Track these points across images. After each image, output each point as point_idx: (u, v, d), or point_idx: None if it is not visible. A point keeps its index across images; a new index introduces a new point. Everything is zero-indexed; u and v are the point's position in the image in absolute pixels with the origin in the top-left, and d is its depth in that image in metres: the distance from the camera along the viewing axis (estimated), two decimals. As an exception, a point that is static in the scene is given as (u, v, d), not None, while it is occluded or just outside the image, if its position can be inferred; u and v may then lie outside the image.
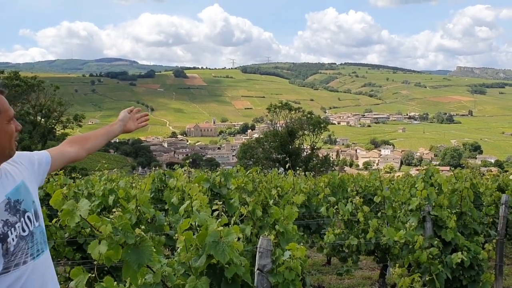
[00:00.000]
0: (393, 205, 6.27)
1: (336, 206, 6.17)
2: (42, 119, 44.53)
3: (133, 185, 7.27)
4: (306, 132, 50.45)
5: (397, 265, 4.85)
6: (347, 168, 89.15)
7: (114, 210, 2.77)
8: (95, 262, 2.64)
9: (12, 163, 1.98)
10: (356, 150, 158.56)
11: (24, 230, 1.85)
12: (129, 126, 2.69)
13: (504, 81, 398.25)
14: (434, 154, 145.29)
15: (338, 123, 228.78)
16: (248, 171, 6.20)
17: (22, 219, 1.86)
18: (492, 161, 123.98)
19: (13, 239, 1.78)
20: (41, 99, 44.54)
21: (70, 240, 4.98)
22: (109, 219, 2.71)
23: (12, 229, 1.79)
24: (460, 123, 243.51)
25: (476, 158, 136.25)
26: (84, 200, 3.08)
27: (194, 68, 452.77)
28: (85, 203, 3.03)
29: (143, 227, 2.80)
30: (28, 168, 2.05)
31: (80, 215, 2.76)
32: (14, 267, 1.78)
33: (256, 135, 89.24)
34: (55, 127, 47.04)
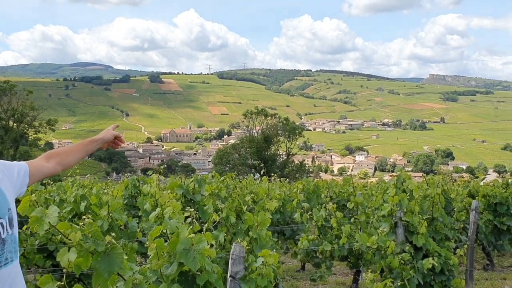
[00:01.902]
0: (366, 211, 6.31)
1: (310, 212, 6.19)
2: (14, 124, 43.58)
3: (106, 191, 7.17)
4: (281, 138, 50.60)
5: (369, 270, 4.89)
6: (322, 174, 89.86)
7: (84, 217, 2.73)
8: (64, 270, 2.60)
9: None
10: (331, 156, 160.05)
11: None
12: (107, 135, 2.75)
13: (475, 89, 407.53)
14: (407, 161, 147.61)
15: (314, 130, 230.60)
16: (222, 177, 6.20)
17: None
18: (464, 167, 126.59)
19: None
20: (13, 103, 43.61)
21: (41, 247, 4.87)
22: (79, 226, 2.67)
23: None
24: (433, 130, 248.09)
25: (448, 164, 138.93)
26: (53, 207, 3.03)
27: (170, 73, 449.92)
28: (54, 210, 2.97)
29: (114, 234, 2.76)
30: (6, 175, 2.00)
31: (49, 222, 2.72)
32: None
33: (232, 141, 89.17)
34: (28, 132, 46.11)
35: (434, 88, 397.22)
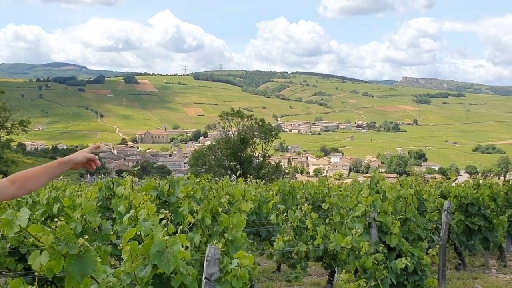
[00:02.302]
0: (341, 212, 6.36)
1: (285, 213, 6.21)
2: (-15, 125, 42.56)
3: (79, 193, 7.07)
4: (257, 139, 50.66)
5: (344, 270, 4.93)
6: (298, 175, 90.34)
7: (57, 219, 2.69)
8: (36, 273, 2.55)
9: None
10: (307, 158, 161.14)
11: None
12: (77, 158, 2.53)
13: (447, 92, 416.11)
14: (381, 162, 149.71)
15: (290, 131, 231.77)
16: (198, 179, 6.18)
17: None
18: (436, 168, 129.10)
19: None
20: (-16, 104, 42.59)
21: (12, 250, 4.78)
22: (51, 229, 2.62)
23: None
24: (406, 131, 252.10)
25: (421, 165, 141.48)
26: (24, 210, 2.97)
27: (145, 74, 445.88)
28: (25, 212, 2.92)
29: (87, 236, 2.73)
30: None
31: (20, 225, 2.67)
32: None
33: (208, 142, 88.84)
34: (0, 133, 45.09)
35: (407, 91, 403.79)
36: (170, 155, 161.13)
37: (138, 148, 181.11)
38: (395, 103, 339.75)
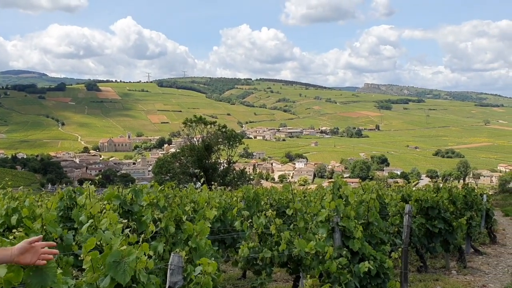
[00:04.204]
0: (305, 217, 6.40)
1: (250, 220, 6.22)
2: None
3: (40, 203, 6.89)
4: (222, 146, 50.56)
5: (308, 276, 4.96)
6: (263, 182, 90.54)
7: (14, 230, 2.63)
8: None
9: None
10: (272, 164, 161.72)
11: None
12: (24, 259, 2.36)
13: (408, 97, 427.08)
14: (345, 167, 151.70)
15: (255, 137, 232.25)
16: (161, 187, 6.12)
17: None
18: (398, 172, 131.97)
19: None
20: None
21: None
22: (9, 240, 2.56)
23: None
24: (368, 137, 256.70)
25: (383, 170, 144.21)
26: (-19, 221, 2.90)
27: (108, 81, 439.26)
28: (-18, 224, 2.84)
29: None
30: None
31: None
32: None
33: (172, 150, 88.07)
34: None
35: (369, 97, 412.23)
36: (134, 163, 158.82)
37: (101, 157, 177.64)
38: (357, 109, 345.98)
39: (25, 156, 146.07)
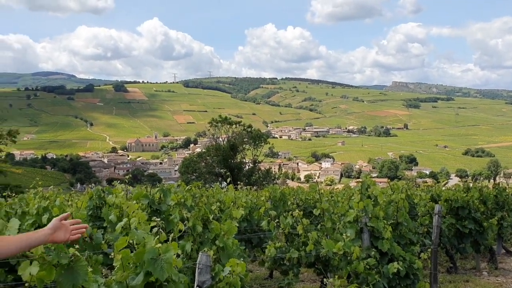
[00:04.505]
0: (332, 217, 6.36)
1: (277, 220, 6.20)
2: (-27, 136, 41.92)
3: (70, 203, 7.02)
4: (247, 146, 50.66)
5: (336, 276, 4.92)
6: (289, 181, 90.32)
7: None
8: (26, 284, 2.54)
9: None
10: (297, 163, 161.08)
11: None
12: (58, 236, 2.37)
13: (436, 96, 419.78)
14: (372, 167, 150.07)
15: (280, 137, 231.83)
16: (189, 186, 6.16)
17: None
18: (427, 172, 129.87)
19: None
20: (-30, 114, 42.11)
21: (2, 261, 4.72)
22: (41, 239, 2.60)
23: None
24: (396, 136, 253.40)
25: (412, 169, 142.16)
26: (14, 220, 2.96)
27: (135, 82, 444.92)
28: (15, 222, 2.91)
29: (77, 246, 2.71)
30: None
31: (9, 236, 2.64)
32: None
33: (198, 150, 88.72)
34: (-14, 143, 44.45)
35: (397, 95, 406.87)
36: (161, 163, 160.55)
37: (128, 157, 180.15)
38: (385, 107, 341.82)
39: (54, 156, 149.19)
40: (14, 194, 7.59)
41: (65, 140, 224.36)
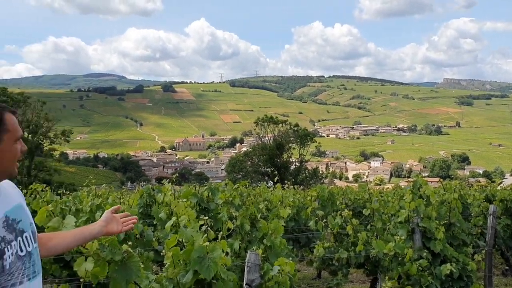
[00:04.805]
0: (383, 218, 6.26)
1: (325, 220, 6.15)
2: (29, 135, 43.95)
3: (121, 200, 7.21)
4: (294, 145, 50.49)
5: (387, 277, 4.84)
6: (336, 181, 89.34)
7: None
8: (81, 280, 2.61)
9: (10, 185, 2.01)
10: (345, 163, 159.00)
11: (21, 250, 1.85)
12: (112, 228, 2.40)
13: (490, 93, 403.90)
14: (423, 166, 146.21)
15: (327, 136, 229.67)
16: (236, 185, 6.19)
17: (19, 238, 1.86)
18: (480, 171, 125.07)
19: (9, 256, 1.78)
20: (28, 114, 44.01)
21: (57, 257, 4.89)
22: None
23: (9, 246, 1.79)
24: (448, 134, 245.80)
25: (464, 169, 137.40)
26: (70, 217, 3.06)
27: (183, 82, 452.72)
28: (71, 220, 3.00)
29: (130, 243, 2.77)
30: (24, 200, 2.07)
31: (64, 231, 2.73)
32: (11, 286, 1.78)
33: (244, 149, 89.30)
34: (43, 142, 46.51)
35: (449, 93, 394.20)
36: (208, 162, 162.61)
37: (176, 156, 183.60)
38: (436, 105, 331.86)
39: (106, 156, 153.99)
40: (68, 192, 7.88)
41: (116, 140, 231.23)
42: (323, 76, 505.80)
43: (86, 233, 2.30)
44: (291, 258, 3.63)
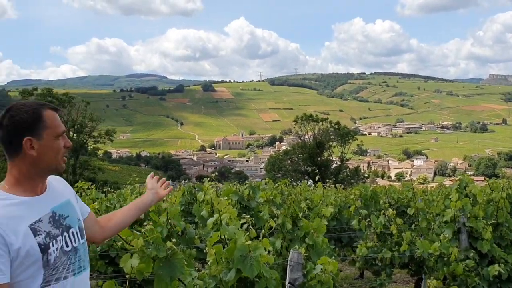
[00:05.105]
0: (427, 217, 6.13)
1: (368, 219, 6.08)
2: (74, 135, 45.32)
3: (164, 198, 7.31)
4: (334, 143, 49.98)
5: (432, 278, 4.73)
6: (378, 180, 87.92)
7: (145, 223, 2.79)
8: (127, 276, 2.66)
9: (60, 181, 2.09)
10: (388, 161, 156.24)
11: (67, 245, 1.90)
12: (161, 193, 2.55)
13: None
14: (468, 164, 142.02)
15: (369, 134, 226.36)
16: (277, 184, 6.18)
17: (65, 233, 1.91)
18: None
19: (54, 251, 1.82)
20: (73, 114, 45.39)
21: (103, 253, 5.02)
22: (141, 233, 2.72)
23: (54, 241, 1.84)
24: (494, 131, 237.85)
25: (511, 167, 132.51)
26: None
27: (222, 81, 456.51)
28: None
29: (174, 240, 2.80)
30: (74, 196, 2.14)
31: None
32: (55, 281, 1.83)
33: (284, 147, 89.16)
34: (87, 142, 47.86)
35: (494, 89, 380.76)
36: (247, 161, 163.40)
37: (216, 154, 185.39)
38: (482, 102, 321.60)
39: (148, 154, 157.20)
40: (112, 190, 8.08)
41: (157, 139, 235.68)
42: (365, 73, 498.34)
43: (141, 204, 2.43)
44: (333, 258, 3.60)
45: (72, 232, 1.94)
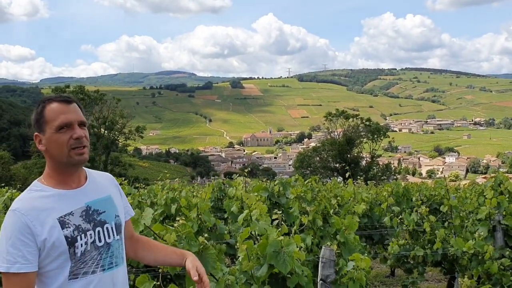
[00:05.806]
0: (461, 215, 6.01)
1: (400, 216, 5.99)
2: (105, 131, 46.12)
3: (194, 194, 7.40)
4: (364, 140, 49.41)
5: (466, 276, 4.63)
6: (409, 177, 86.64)
7: (178, 218, 2.81)
8: (159, 270, 2.69)
9: (107, 178, 2.12)
10: (419, 158, 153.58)
11: (100, 240, 1.90)
12: (191, 273, 2.14)
13: None
14: (502, 161, 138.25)
15: (400, 130, 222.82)
16: (307, 180, 6.15)
17: (98, 228, 1.90)
18: None
19: (81, 244, 1.83)
20: (104, 111, 46.19)
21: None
22: (173, 228, 2.75)
23: (83, 235, 1.84)
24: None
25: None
26: (148, 209, 3.16)
27: (250, 78, 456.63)
28: (149, 211, 3.10)
29: (206, 235, 2.82)
30: (119, 191, 2.15)
31: (144, 224, 2.83)
32: (83, 274, 1.83)
33: (312, 144, 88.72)
34: (118, 138, 48.61)
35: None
36: (275, 157, 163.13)
37: (244, 151, 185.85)
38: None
39: (177, 151, 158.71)
40: (143, 186, 8.21)
41: (187, 136, 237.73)
42: (395, 69, 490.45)
43: (174, 262, 2.22)
44: (365, 255, 3.56)
45: (107, 228, 1.94)
